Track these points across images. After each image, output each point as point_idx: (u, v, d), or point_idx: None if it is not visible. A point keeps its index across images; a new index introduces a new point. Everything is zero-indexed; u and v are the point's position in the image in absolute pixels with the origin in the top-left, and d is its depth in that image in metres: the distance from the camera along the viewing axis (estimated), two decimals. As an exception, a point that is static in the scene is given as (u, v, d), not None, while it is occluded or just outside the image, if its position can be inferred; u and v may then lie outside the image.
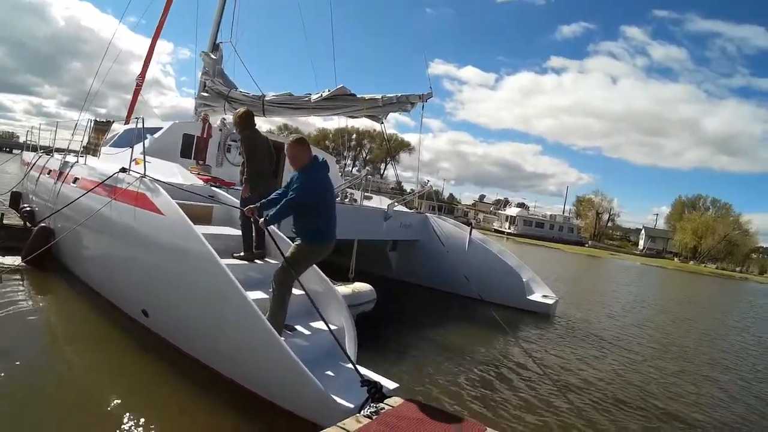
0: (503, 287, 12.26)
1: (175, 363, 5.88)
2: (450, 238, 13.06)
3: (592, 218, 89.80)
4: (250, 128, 7.15)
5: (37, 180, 12.44)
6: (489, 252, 12.89)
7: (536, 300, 12.39)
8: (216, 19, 12.86)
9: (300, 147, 5.53)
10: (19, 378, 5.29)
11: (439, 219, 13.78)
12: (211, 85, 11.96)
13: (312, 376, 4.69)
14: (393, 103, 9.97)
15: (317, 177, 5.53)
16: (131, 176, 7.17)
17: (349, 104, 10.31)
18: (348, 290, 8.22)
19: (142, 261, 6.79)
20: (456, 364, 7.59)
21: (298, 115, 11.35)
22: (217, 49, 12.55)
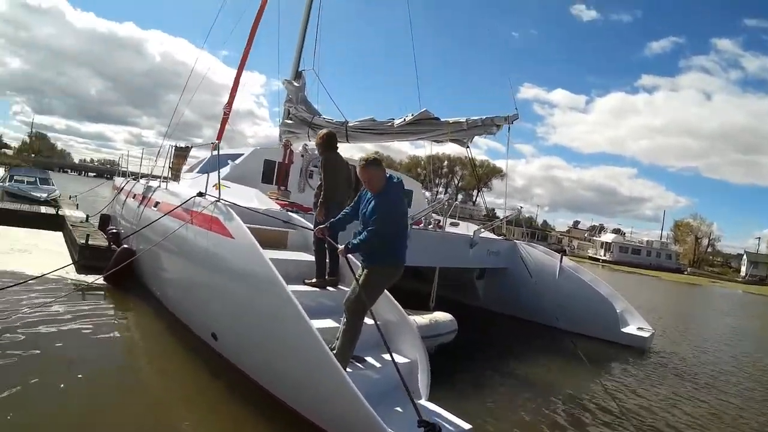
0: (595, 318, 11.59)
1: (240, 388, 5.79)
2: (540, 266, 12.50)
3: (691, 243, 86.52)
4: (331, 150, 6.98)
5: (123, 203, 12.92)
6: (581, 281, 12.23)
7: (630, 333, 11.58)
8: (298, 47, 12.92)
9: (376, 168, 5.24)
10: (88, 391, 5.50)
11: (528, 246, 13.27)
12: (295, 112, 11.99)
13: (372, 413, 4.38)
14: (478, 126, 9.65)
15: (397, 200, 5.28)
16: (206, 200, 7.21)
17: (433, 128, 10.07)
18: (426, 320, 7.80)
19: (213, 284, 6.79)
20: (536, 404, 6.99)
21: (382, 140, 11.21)
22: (299, 77, 12.59)
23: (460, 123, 9.77)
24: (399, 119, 10.26)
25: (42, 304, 7.97)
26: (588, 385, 8.14)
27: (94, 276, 9.58)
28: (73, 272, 10.36)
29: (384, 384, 5.33)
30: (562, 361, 9.39)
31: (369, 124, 10.75)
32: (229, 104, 12.94)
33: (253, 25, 13.13)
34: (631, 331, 11.65)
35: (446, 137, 10.19)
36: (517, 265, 12.65)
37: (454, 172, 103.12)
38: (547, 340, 10.88)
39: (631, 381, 8.83)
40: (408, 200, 14.05)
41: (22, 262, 10.73)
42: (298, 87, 12.31)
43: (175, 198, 8.52)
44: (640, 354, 10.94)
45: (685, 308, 26.02)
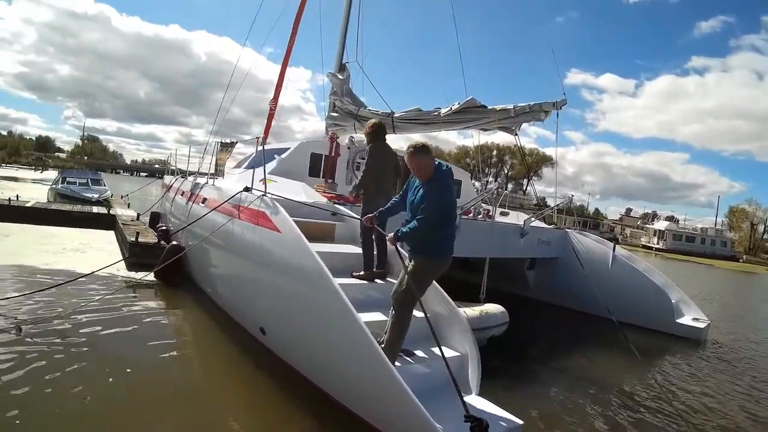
0: (649, 309, 11.29)
1: (288, 382, 5.81)
2: (592, 255, 12.25)
3: (747, 230, 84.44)
4: (379, 141, 6.90)
5: (172, 201, 13.07)
6: (634, 270, 11.90)
7: (685, 324, 11.19)
8: (341, 40, 12.85)
9: (424, 156, 5.09)
10: (137, 385, 5.57)
11: (580, 235, 12.97)
12: (340, 104, 11.90)
13: (421, 408, 4.27)
14: (526, 113, 9.41)
15: (446, 188, 5.12)
16: (253, 195, 7.19)
17: (480, 116, 9.86)
18: (476, 312, 7.62)
19: (260, 278, 6.74)
20: (588, 399, 6.73)
21: (429, 130, 11.04)
22: (343, 69, 12.50)
23: (508, 110, 9.56)
24: (445, 108, 10.09)
25: (93, 301, 8.12)
26: (642, 379, 7.88)
27: (144, 272, 9.71)
28: (123, 269, 10.54)
29: (433, 378, 5.20)
30: (615, 354, 9.09)
31: (415, 114, 10.60)
32: (275, 100, 12.97)
33: (294, 20, 13.16)
34: (686, 322, 11.28)
35: (494, 125, 9.97)
36: (568, 254, 12.40)
37: (504, 161, 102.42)
38: (600, 332, 10.52)
39: (686, 374, 8.50)
40: (457, 190, 13.91)
41: (74, 261, 11.00)
42: (343, 79, 12.24)
43: (222, 193, 8.54)
44: (695, 346, 10.57)
45: (741, 298, 25.25)
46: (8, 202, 17.11)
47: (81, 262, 10.94)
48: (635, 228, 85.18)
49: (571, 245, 12.51)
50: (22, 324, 6.70)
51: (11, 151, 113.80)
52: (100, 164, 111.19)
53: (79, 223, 16.86)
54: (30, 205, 17.62)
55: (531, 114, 9.41)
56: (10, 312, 7.15)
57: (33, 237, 13.59)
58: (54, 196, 25.30)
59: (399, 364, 4.99)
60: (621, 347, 8.94)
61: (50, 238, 13.66)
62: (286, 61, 13.32)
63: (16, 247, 11.86)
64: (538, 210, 16.86)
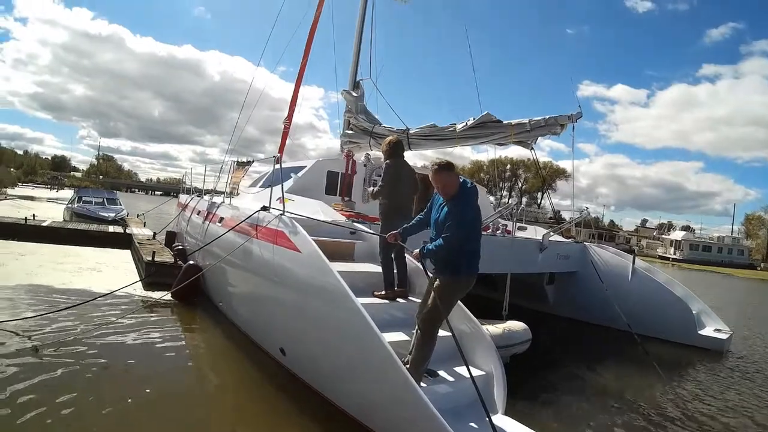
0: (671, 321, 11.12)
1: (309, 403, 5.74)
2: (611, 268, 12.12)
3: (764, 238, 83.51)
4: (397, 157, 6.84)
5: (188, 220, 13.04)
6: (654, 282, 11.75)
7: (707, 335, 11.03)
8: (354, 58, 12.87)
9: (449, 173, 5.03)
10: (155, 405, 5.53)
11: (599, 248, 12.84)
12: (355, 122, 11.91)
13: (448, 429, 4.18)
14: (541, 126, 9.40)
15: (471, 205, 5.02)
16: (271, 214, 7.15)
17: (496, 131, 9.83)
18: (499, 330, 7.51)
19: (280, 298, 6.67)
20: (615, 416, 6.59)
21: (444, 146, 11.00)
22: (357, 87, 12.52)
23: (523, 124, 9.53)
24: (461, 124, 10.07)
25: (111, 321, 8.10)
26: (666, 394, 7.75)
27: (161, 292, 9.74)
28: (140, 289, 10.52)
29: (458, 398, 5.13)
30: (639, 369, 8.88)
31: (430, 130, 10.58)
32: (289, 118, 13.01)
33: (307, 39, 13.22)
34: (708, 333, 11.13)
35: (510, 140, 9.93)
36: (587, 268, 12.29)
37: (518, 175, 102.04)
38: (622, 346, 10.31)
39: (709, 387, 8.33)
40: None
41: (91, 280, 11.01)
42: (357, 97, 12.24)
43: (239, 213, 8.51)
44: (718, 357, 10.41)
45: (761, 307, 24.76)
46: (25, 221, 17.22)
47: (97, 281, 10.96)
48: (651, 239, 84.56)
49: (590, 259, 12.41)
50: (39, 345, 6.68)
51: (27, 170, 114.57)
52: (115, 183, 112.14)
53: (96, 242, 16.92)
54: (47, 224, 17.72)
55: (547, 128, 9.42)
56: (27, 332, 7.13)
57: (49, 256, 13.59)
58: (70, 215, 25.32)
59: (424, 384, 4.91)
60: (644, 362, 8.86)
61: (66, 258, 13.68)
62: (300, 79, 13.38)
63: (32, 267, 11.85)
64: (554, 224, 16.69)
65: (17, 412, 4.89)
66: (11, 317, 7.63)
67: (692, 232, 79.28)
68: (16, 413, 4.89)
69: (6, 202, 36.35)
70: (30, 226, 17.01)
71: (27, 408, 5.00)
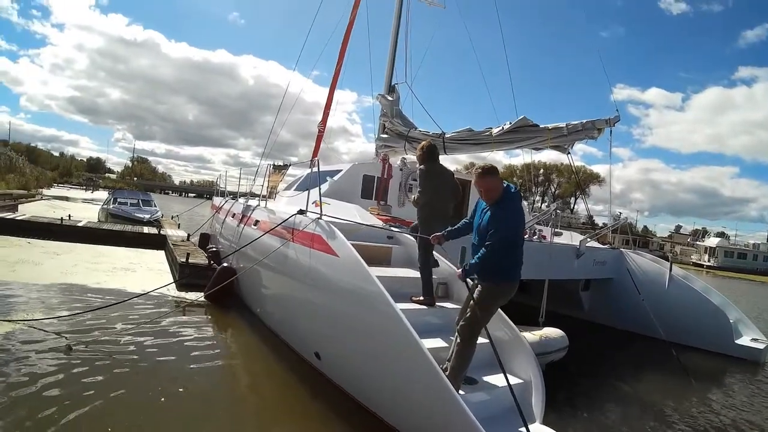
0: (707, 330, 10.91)
1: (343, 408, 5.72)
2: (648, 275, 11.94)
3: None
4: (432, 161, 6.75)
5: (223, 223, 13.11)
6: (691, 290, 11.52)
7: (744, 345, 10.81)
8: (389, 62, 12.83)
9: (493, 177, 4.97)
10: (187, 405, 5.59)
11: (635, 255, 12.64)
12: (390, 126, 11.86)
13: None
14: (579, 131, 9.27)
15: (516, 210, 4.98)
16: (308, 218, 7.12)
17: (532, 135, 9.74)
18: (536, 337, 7.40)
19: (317, 302, 6.64)
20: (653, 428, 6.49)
21: (480, 150, 10.92)
22: (393, 91, 12.47)
23: (560, 129, 9.42)
24: (497, 128, 9.98)
25: (144, 322, 8.18)
26: (703, 406, 7.57)
27: (195, 294, 9.87)
28: (174, 290, 10.57)
29: (496, 406, 5.07)
30: (674, 380, 8.73)
31: (466, 134, 10.51)
32: (324, 122, 13.04)
33: (342, 43, 13.21)
34: (745, 342, 10.91)
35: (546, 144, 9.82)
36: (623, 275, 12.14)
37: (551, 179, 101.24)
38: (658, 356, 10.14)
39: (747, 399, 8.16)
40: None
41: (124, 281, 11.11)
42: (392, 101, 12.21)
43: (275, 216, 8.52)
44: (755, 367, 10.21)
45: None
46: (61, 222, 17.42)
47: (131, 281, 11.06)
48: (685, 245, 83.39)
49: (626, 265, 12.24)
50: (72, 343, 6.74)
51: (63, 171, 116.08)
52: (149, 184, 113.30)
53: (130, 242, 17.07)
54: (82, 224, 17.91)
55: (584, 132, 9.31)
56: (61, 331, 7.20)
57: (84, 256, 13.74)
58: (105, 216, 25.60)
59: (462, 392, 4.84)
60: (679, 372, 8.73)
61: (101, 257, 13.81)
62: (334, 83, 13.40)
63: (67, 266, 11.98)
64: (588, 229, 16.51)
65: (49, 407, 4.97)
66: (46, 315, 7.73)
67: (727, 238, 78.10)
68: (48, 408, 4.96)
69: (42, 202, 36.79)
70: (66, 226, 17.19)
71: (58, 403, 5.08)
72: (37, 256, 12.75)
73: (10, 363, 5.92)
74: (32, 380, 5.53)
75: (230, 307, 9.81)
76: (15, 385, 5.36)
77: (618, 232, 14.81)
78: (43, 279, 10.22)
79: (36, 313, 7.86)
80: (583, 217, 67.58)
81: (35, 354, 6.27)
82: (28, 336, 6.89)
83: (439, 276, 6.82)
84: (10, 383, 5.41)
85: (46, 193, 47.65)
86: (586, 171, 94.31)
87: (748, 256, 68.38)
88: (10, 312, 7.80)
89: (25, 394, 5.21)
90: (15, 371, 5.71)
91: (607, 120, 9.16)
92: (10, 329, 7.04)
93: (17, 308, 8.08)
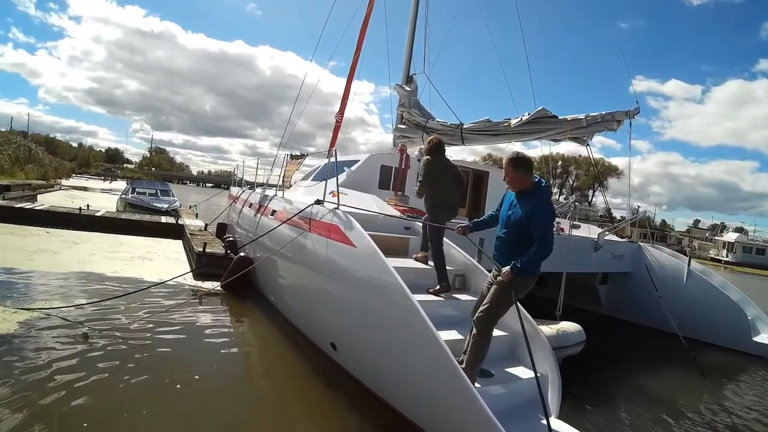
0: (725, 327, 10.80)
1: (359, 400, 5.73)
2: (666, 270, 11.83)
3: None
4: (434, 154, 6.84)
5: (240, 212, 13.17)
6: (710, 286, 11.38)
7: (762, 342, 10.65)
8: (407, 52, 12.76)
9: (516, 169, 4.90)
10: (203, 394, 5.59)
11: (654, 249, 12.51)
12: (408, 116, 11.81)
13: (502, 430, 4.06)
14: (598, 123, 9.18)
15: (550, 206, 4.91)
16: (325, 208, 7.10)
17: (551, 127, 9.65)
18: (553, 331, 7.32)
19: (333, 293, 6.61)
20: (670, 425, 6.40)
21: (498, 141, 10.85)
22: (411, 81, 12.42)
23: (579, 120, 9.34)
24: (515, 119, 9.91)
25: (161, 310, 8.22)
26: (719, 404, 7.45)
27: (212, 283, 9.91)
28: (191, 279, 10.62)
29: (511, 400, 5.03)
30: (691, 376, 8.54)
31: (485, 125, 10.44)
32: (341, 112, 12.97)
33: (360, 33, 13.12)
34: (763, 340, 10.75)
35: (565, 136, 9.73)
36: (641, 269, 12.03)
37: (569, 172, 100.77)
38: (676, 352, 9.81)
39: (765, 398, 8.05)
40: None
41: (142, 269, 11.17)
42: (410, 91, 12.15)
43: (292, 206, 8.51)
44: (771, 365, 10.06)
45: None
46: (79, 211, 17.54)
47: (148, 270, 11.12)
48: (703, 240, 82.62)
49: (645, 260, 12.15)
50: (89, 332, 6.78)
51: (81, 162, 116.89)
52: (167, 175, 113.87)
53: (148, 232, 17.18)
54: (100, 214, 18.00)
55: (603, 124, 9.23)
56: (78, 319, 7.24)
57: (102, 245, 13.82)
58: (124, 205, 25.72)
59: (478, 385, 4.79)
60: (696, 369, 8.56)
61: (119, 247, 13.90)
62: (352, 73, 13.30)
63: (85, 255, 12.05)
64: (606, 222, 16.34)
65: (66, 395, 5.00)
66: (64, 304, 7.77)
67: (746, 234, 77.21)
68: (65, 396, 4.99)
69: (60, 192, 37.02)
70: (84, 215, 17.30)
71: (75, 391, 5.12)
72: (55, 246, 12.82)
73: (27, 350, 5.95)
74: (48, 367, 5.56)
75: (246, 296, 9.84)
76: (31, 371, 5.40)
77: (637, 226, 14.68)
78: (61, 268, 10.28)
79: (54, 301, 7.91)
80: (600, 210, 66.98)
81: (53, 341, 6.29)
82: (46, 324, 6.92)
83: (456, 267, 6.81)
84: (27, 369, 5.44)
85: (65, 184, 47.91)
86: (604, 163, 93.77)
87: (767, 252, 67.64)
88: (29, 300, 7.85)
89: (39, 380, 5.24)
90: (32, 358, 5.74)
91: (627, 112, 9.08)
92: (28, 317, 7.07)
93: (36, 297, 8.12)
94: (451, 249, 7.01)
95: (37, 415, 4.55)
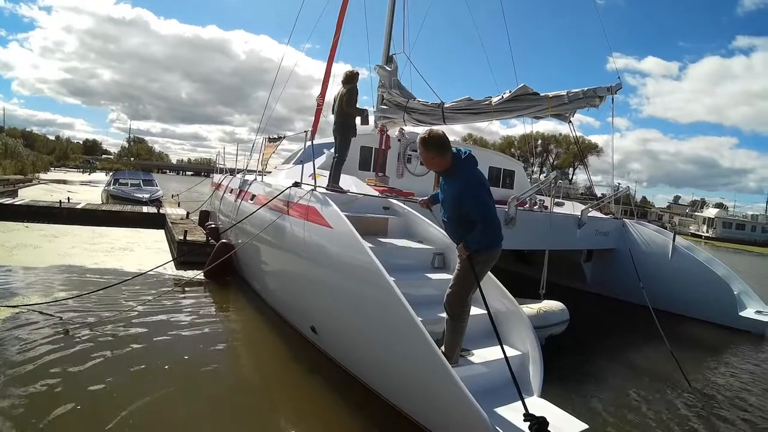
0: (711, 302, 10.81)
1: (340, 382, 5.72)
2: (651, 246, 11.84)
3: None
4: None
5: (221, 199, 13.09)
6: (695, 261, 11.37)
7: (748, 317, 10.65)
8: (387, 31, 12.63)
9: (427, 149, 4.63)
10: (188, 383, 5.57)
11: (638, 225, 12.50)
12: (389, 97, 11.67)
13: (479, 410, 3.98)
14: (580, 99, 9.10)
15: (476, 179, 4.64)
16: (302, 190, 7.04)
17: (532, 104, 9.54)
18: (534, 310, 7.21)
19: (311, 275, 6.54)
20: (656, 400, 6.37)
21: (480, 120, 10.73)
22: (391, 61, 12.28)
23: (561, 97, 9.25)
24: (497, 97, 9.81)
25: (142, 302, 8.12)
26: (710, 378, 7.52)
27: (194, 271, 9.83)
28: (172, 268, 10.54)
29: (493, 379, 4.93)
30: (680, 351, 8.14)
31: (466, 104, 10.32)
32: (322, 95, 12.82)
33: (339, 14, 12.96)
34: (749, 315, 10.76)
35: (547, 113, 9.63)
36: (626, 245, 11.98)
37: (549, 150, 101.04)
38: (662, 327, 9.93)
39: (750, 371, 8.05)
40: (510, 181, 13.62)
41: (123, 260, 11.11)
42: (391, 72, 12.02)
43: (271, 189, 8.45)
44: (759, 340, 10.08)
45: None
46: (59, 204, 17.35)
47: (129, 261, 11.04)
48: (684, 216, 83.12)
49: (629, 236, 12.14)
50: (71, 326, 6.68)
51: (59, 155, 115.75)
52: (146, 164, 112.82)
53: (130, 223, 17.08)
54: (81, 206, 17.84)
55: (585, 100, 9.18)
56: (59, 314, 7.14)
57: (82, 237, 13.72)
58: (107, 197, 25.57)
59: (454, 364, 4.66)
60: (686, 344, 8.68)
61: (100, 239, 13.79)
62: (332, 56, 13.15)
63: (66, 248, 11.93)
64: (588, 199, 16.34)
65: (48, 392, 4.92)
66: (44, 299, 7.67)
67: (725, 209, 77.75)
68: (47, 393, 4.91)
69: (39, 186, 36.69)
70: (65, 208, 17.14)
71: (58, 388, 5.04)
72: (35, 240, 12.71)
73: (9, 348, 5.86)
74: (31, 364, 5.48)
75: (229, 283, 9.82)
76: (13, 366, 5.35)
77: (620, 203, 14.64)
78: (41, 262, 10.18)
79: (35, 296, 7.84)
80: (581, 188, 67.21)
81: (35, 338, 6.20)
82: (26, 319, 6.84)
83: (435, 246, 6.72)
84: (9, 364, 5.40)
85: (43, 178, 47.50)
86: (584, 141, 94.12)
87: (747, 227, 68.10)
88: (9, 297, 7.75)
89: (22, 377, 5.16)
90: (14, 356, 5.65)
91: (609, 88, 9.01)
92: (9, 314, 6.98)
93: (17, 293, 8.03)
94: (429, 227, 6.95)
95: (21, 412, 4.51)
